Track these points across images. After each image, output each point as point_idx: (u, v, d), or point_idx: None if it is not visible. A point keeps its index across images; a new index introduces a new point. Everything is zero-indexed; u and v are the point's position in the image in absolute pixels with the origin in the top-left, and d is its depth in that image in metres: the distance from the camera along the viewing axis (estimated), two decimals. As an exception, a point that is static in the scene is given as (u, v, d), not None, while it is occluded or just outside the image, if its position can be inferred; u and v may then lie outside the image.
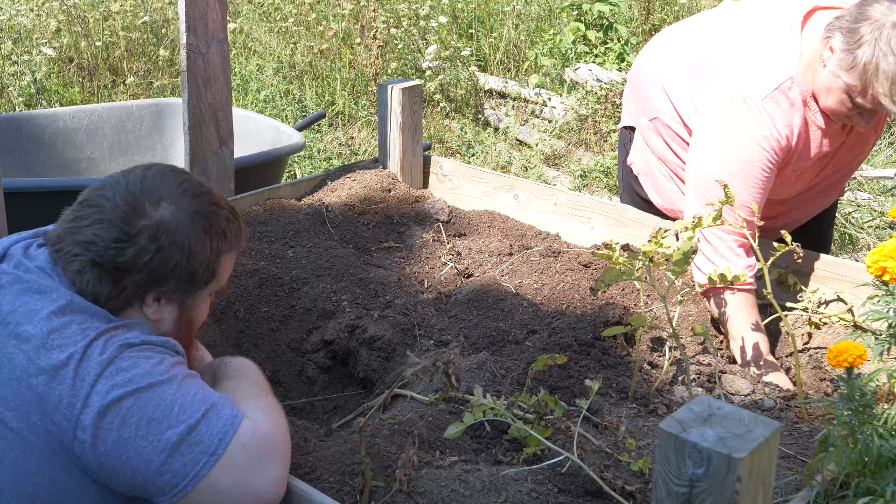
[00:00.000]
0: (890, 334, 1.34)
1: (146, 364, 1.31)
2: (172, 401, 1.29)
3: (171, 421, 1.27)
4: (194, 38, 2.30)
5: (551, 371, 1.78)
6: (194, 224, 1.40)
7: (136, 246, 1.35)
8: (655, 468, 1.04)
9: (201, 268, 1.42)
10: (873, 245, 4.04)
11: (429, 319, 2.08)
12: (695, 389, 1.78)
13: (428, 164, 2.85)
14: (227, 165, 2.49)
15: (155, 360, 1.32)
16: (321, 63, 6.23)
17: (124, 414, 1.26)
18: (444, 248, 2.50)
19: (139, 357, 1.31)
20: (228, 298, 2.09)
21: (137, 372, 1.29)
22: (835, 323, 2.05)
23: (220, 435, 1.29)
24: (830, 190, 2.31)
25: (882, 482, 1.21)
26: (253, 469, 1.30)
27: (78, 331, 1.31)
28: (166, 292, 1.40)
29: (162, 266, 1.37)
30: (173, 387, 1.30)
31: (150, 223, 1.37)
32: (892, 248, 1.27)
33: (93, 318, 1.34)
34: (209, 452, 1.27)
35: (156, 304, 1.42)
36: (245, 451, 1.30)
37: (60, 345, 1.29)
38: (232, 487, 1.29)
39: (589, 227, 2.49)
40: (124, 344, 1.31)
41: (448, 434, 1.39)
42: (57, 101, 5.73)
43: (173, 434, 1.27)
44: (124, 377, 1.28)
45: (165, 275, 1.38)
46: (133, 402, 1.27)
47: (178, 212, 1.39)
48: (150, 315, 1.42)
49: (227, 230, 1.45)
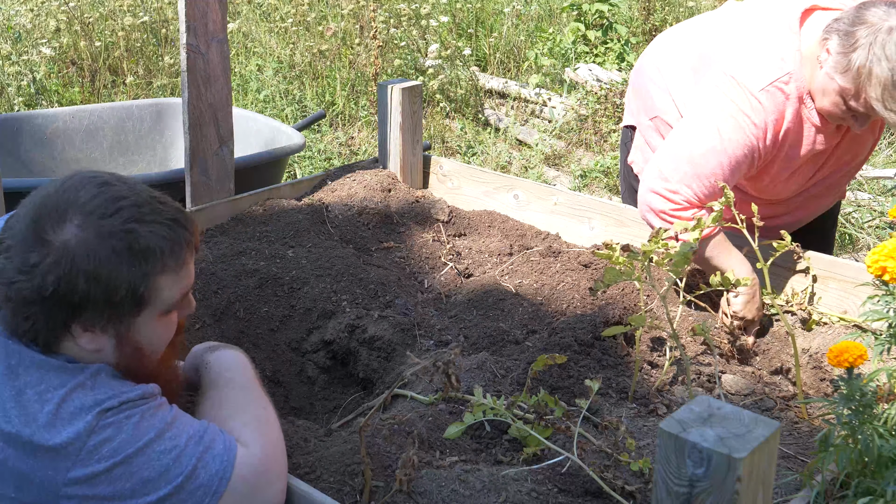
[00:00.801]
0: (890, 334, 1.34)
1: (128, 427, 1.23)
2: (164, 455, 1.24)
3: (168, 477, 1.24)
4: (194, 38, 2.30)
5: (551, 371, 1.78)
6: (103, 246, 1.23)
7: (36, 277, 1.22)
8: (655, 468, 1.04)
9: (118, 294, 1.25)
10: (873, 245, 4.04)
11: (429, 319, 2.08)
12: (695, 389, 1.78)
13: (428, 164, 2.85)
14: (227, 165, 2.49)
15: (136, 418, 1.25)
16: (321, 63, 6.23)
17: (116, 480, 1.21)
18: (444, 248, 2.50)
19: (120, 421, 1.23)
20: (228, 298, 2.09)
21: (123, 438, 1.22)
22: (835, 323, 2.05)
23: (220, 474, 1.27)
24: (830, 191, 2.31)
25: (882, 482, 1.21)
26: (256, 494, 1.30)
27: (37, 396, 1.22)
28: (88, 322, 1.26)
29: (69, 296, 1.23)
30: (163, 442, 1.25)
31: (51, 250, 1.22)
32: (892, 248, 1.27)
33: (50, 374, 1.25)
34: (211, 493, 1.26)
35: (88, 334, 1.28)
36: (245, 481, 1.29)
37: (21, 416, 1.21)
38: None
39: (589, 227, 2.49)
40: (102, 410, 1.23)
41: (448, 434, 1.39)
42: (57, 101, 5.73)
43: (171, 488, 1.24)
44: (110, 448, 1.21)
45: (77, 304, 1.24)
46: (122, 470, 1.22)
47: (83, 233, 1.23)
48: (87, 346, 1.28)
49: (156, 247, 1.27)
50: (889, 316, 1.34)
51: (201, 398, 1.45)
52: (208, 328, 2.00)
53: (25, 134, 3.61)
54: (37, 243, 1.23)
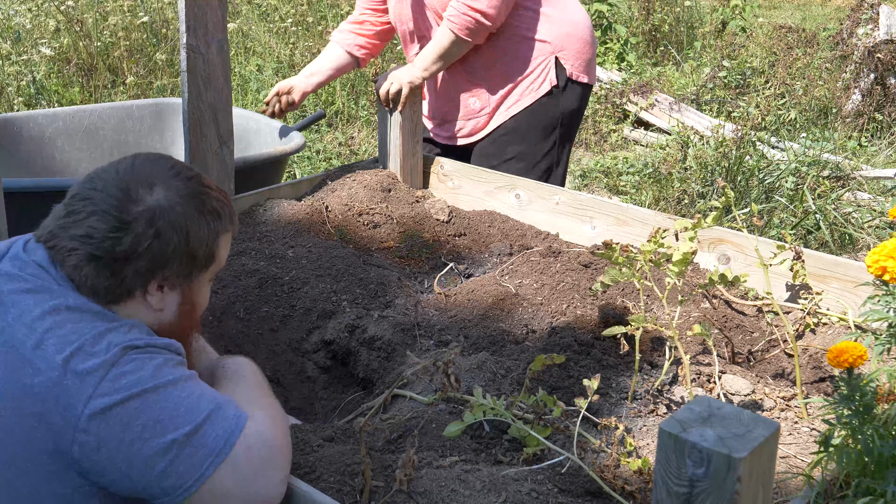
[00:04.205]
0: (890, 334, 1.34)
1: (150, 366, 1.28)
2: (178, 403, 1.27)
3: (177, 422, 1.26)
4: (194, 38, 2.30)
5: (551, 371, 1.78)
6: (189, 205, 1.38)
7: (133, 233, 1.33)
8: (655, 468, 1.04)
9: (201, 249, 1.40)
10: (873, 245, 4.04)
11: (429, 319, 2.08)
12: (695, 389, 1.78)
13: (428, 164, 2.85)
14: (227, 165, 2.49)
15: (158, 361, 1.30)
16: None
17: (128, 416, 1.24)
18: (444, 248, 2.50)
19: (143, 359, 1.29)
20: (228, 298, 2.09)
21: (142, 374, 1.27)
22: (835, 323, 2.05)
23: (226, 436, 1.28)
24: None
25: (882, 482, 1.21)
26: (256, 473, 1.30)
27: (74, 330, 1.28)
28: (169, 277, 1.38)
29: (161, 250, 1.35)
30: (178, 389, 1.29)
31: (145, 208, 1.35)
32: (892, 248, 1.27)
33: (91, 317, 1.31)
34: (214, 454, 1.26)
35: (159, 292, 1.39)
36: (249, 454, 1.29)
37: (57, 344, 1.26)
38: (235, 491, 1.28)
39: (591, 226, 2.49)
40: (128, 346, 1.29)
41: (448, 432, 1.39)
42: (57, 101, 5.73)
43: (178, 435, 1.25)
44: (130, 380, 1.26)
45: (166, 259, 1.36)
46: (138, 404, 1.25)
47: (171, 194, 1.37)
48: (154, 304, 1.39)
49: (220, 210, 1.44)
50: (889, 316, 1.34)
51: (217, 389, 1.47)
52: (208, 328, 2.00)
53: (25, 134, 3.61)
54: (130, 203, 1.34)
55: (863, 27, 6.22)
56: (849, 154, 5.22)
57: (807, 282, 2.08)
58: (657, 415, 1.68)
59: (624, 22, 7.54)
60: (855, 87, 6.06)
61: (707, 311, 2.09)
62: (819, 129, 5.83)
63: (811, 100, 6.12)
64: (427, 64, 2.71)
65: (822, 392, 1.88)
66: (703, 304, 2.12)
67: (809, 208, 4.33)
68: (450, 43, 2.67)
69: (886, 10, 6.18)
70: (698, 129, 5.50)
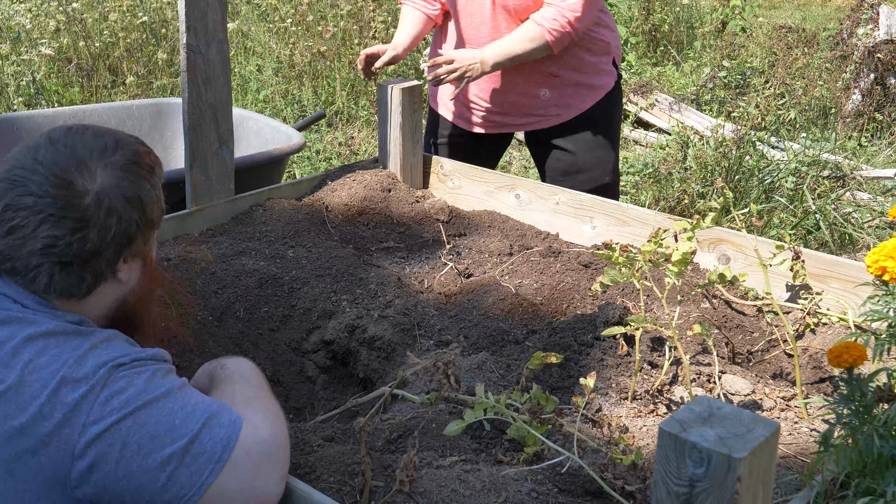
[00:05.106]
0: (890, 334, 1.34)
1: (139, 382, 1.26)
2: (172, 415, 1.26)
3: (174, 435, 1.24)
4: (194, 38, 2.30)
5: (551, 371, 1.78)
6: (132, 175, 1.35)
7: (95, 227, 1.30)
8: (655, 468, 1.04)
9: (155, 211, 1.39)
10: (873, 245, 4.04)
11: (429, 319, 2.08)
12: (695, 389, 1.78)
13: (428, 164, 2.85)
14: (227, 165, 2.49)
15: (147, 374, 1.28)
16: (321, 63, 6.22)
17: (125, 435, 1.22)
18: (444, 248, 2.50)
19: (131, 376, 1.26)
20: (228, 298, 2.09)
21: (132, 392, 1.25)
22: (835, 323, 2.05)
23: (224, 441, 1.27)
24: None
25: (882, 482, 1.21)
26: (257, 473, 1.29)
27: (55, 358, 1.24)
28: (132, 250, 1.37)
29: (125, 230, 1.33)
30: (171, 400, 1.27)
31: (95, 197, 1.30)
32: (892, 248, 1.27)
33: (67, 339, 1.28)
34: (214, 460, 1.25)
35: (125, 265, 1.38)
36: (249, 456, 1.28)
37: (40, 379, 1.22)
38: (237, 493, 1.27)
39: (591, 226, 2.50)
40: (113, 365, 1.26)
41: (448, 431, 1.39)
42: (57, 101, 5.73)
43: (176, 448, 1.24)
44: (121, 399, 1.23)
45: (131, 237, 1.35)
46: (132, 422, 1.23)
47: (111, 172, 1.33)
48: (123, 279, 1.38)
49: (153, 163, 1.41)
50: (889, 316, 1.34)
51: (214, 391, 1.46)
52: (208, 328, 2.00)
53: (25, 134, 3.61)
54: (76, 197, 1.29)
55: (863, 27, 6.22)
56: (849, 154, 5.22)
57: (807, 282, 2.08)
58: (657, 415, 1.68)
59: (624, 22, 7.54)
60: (855, 87, 6.06)
61: (707, 311, 2.09)
62: (819, 129, 5.83)
63: (811, 100, 6.12)
64: (500, 59, 2.69)
65: (822, 392, 1.88)
66: (703, 304, 2.13)
67: (809, 208, 4.32)
68: (537, 46, 2.67)
69: (886, 10, 6.18)
70: (698, 129, 5.50)
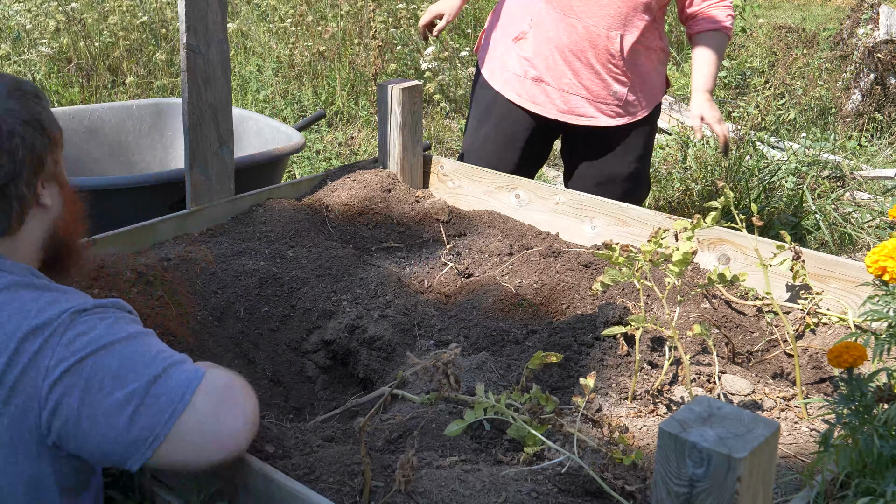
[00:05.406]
0: (890, 334, 1.34)
1: (102, 325, 1.29)
2: (133, 356, 1.28)
3: (136, 374, 1.26)
4: (194, 38, 2.30)
5: (551, 371, 1.78)
6: (19, 97, 1.37)
7: (3, 152, 1.32)
8: (655, 468, 1.04)
9: (54, 129, 1.41)
10: (873, 245, 4.04)
11: (429, 319, 2.08)
12: (695, 389, 1.78)
13: (428, 164, 2.85)
14: (227, 165, 2.49)
15: (110, 319, 1.31)
16: (321, 63, 6.23)
17: (87, 374, 1.25)
18: (444, 248, 2.50)
19: (93, 320, 1.29)
20: (228, 298, 2.09)
21: (95, 334, 1.28)
22: (835, 323, 2.05)
23: (185, 385, 1.28)
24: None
25: (882, 482, 1.21)
26: (218, 412, 1.30)
27: (15, 312, 1.27)
28: (46, 175, 1.39)
29: (34, 151, 1.35)
30: (134, 344, 1.30)
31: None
32: (892, 247, 1.27)
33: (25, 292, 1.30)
34: (176, 400, 1.26)
35: (45, 190, 1.40)
36: (209, 396, 1.29)
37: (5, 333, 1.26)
38: (200, 434, 1.28)
39: (591, 226, 2.49)
40: (76, 311, 1.29)
41: (449, 431, 1.39)
42: (57, 101, 5.73)
43: (137, 386, 1.26)
44: (83, 341, 1.26)
45: (40, 156, 1.37)
46: (94, 361, 1.26)
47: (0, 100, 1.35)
48: (47, 202, 1.40)
49: (35, 89, 1.42)
50: (889, 316, 1.33)
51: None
52: (208, 328, 2.00)
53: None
54: None
55: (863, 27, 6.22)
56: (848, 154, 5.22)
57: (807, 282, 2.08)
58: (657, 415, 1.68)
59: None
60: (855, 87, 6.06)
61: (707, 311, 2.09)
62: (819, 129, 5.83)
63: (811, 100, 6.11)
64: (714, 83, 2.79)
65: (822, 392, 1.88)
66: (703, 304, 2.13)
67: (809, 208, 4.32)
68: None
69: (886, 10, 6.18)
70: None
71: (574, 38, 2.70)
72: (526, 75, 2.80)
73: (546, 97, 2.80)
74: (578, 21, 2.69)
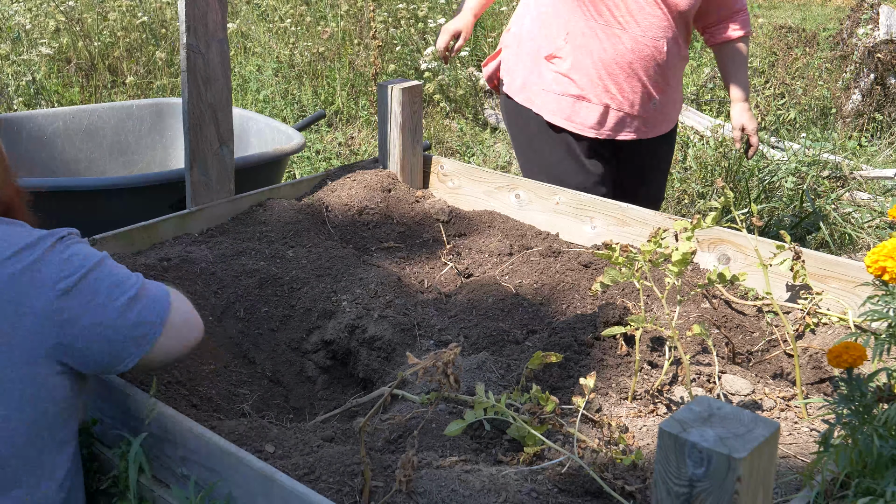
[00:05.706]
0: (890, 334, 1.34)
1: (84, 247, 1.48)
2: (118, 270, 1.49)
3: (129, 283, 1.48)
4: (194, 38, 2.30)
5: (551, 371, 1.78)
6: None
7: None
8: (655, 468, 1.04)
9: None
10: (873, 245, 4.04)
11: (429, 319, 2.08)
12: (695, 389, 1.78)
13: (428, 164, 2.85)
14: (227, 165, 2.49)
15: (83, 243, 1.49)
16: (321, 63, 6.23)
17: (92, 286, 1.43)
18: (444, 248, 2.50)
19: (74, 244, 1.47)
20: (228, 298, 2.09)
21: (86, 253, 1.47)
22: (835, 323, 2.05)
23: (162, 289, 1.53)
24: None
25: (882, 482, 1.21)
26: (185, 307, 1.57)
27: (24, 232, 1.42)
28: None
29: None
30: (110, 262, 1.50)
31: None
32: (892, 247, 1.27)
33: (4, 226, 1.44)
34: (163, 299, 1.50)
35: None
36: (177, 296, 1.56)
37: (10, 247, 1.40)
38: (182, 325, 1.53)
39: (591, 226, 2.49)
40: (57, 238, 1.45)
41: (449, 431, 1.39)
42: (57, 101, 5.73)
43: (133, 291, 1.47)
44: (79, 260, 1.44)
45: None
46: (95, 275, 1.45)
47: None
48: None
49: None
50: (889, 316, 1.33)
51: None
52: (209, 328, 2.00)
53: (25, 134, 3.61)
54: None
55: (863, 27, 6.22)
56: (848, 154, 5.22)
57: (807, 282, 2.08)
58: (657, 415, 1.68)
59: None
60: (855, 87, 6.06)
61: (707, 311, 2.09)
62: (819, 129, 5.83)
63: (811, 100, 6.12)
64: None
65: (822, 392, 1.88)
66: (703, 304, 2.13)
67: (809, 208, 4.33)
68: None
69: (886, 10, 6.18)
70: (698, 129, 5.50)
71: (620, 49, 2.62)
72: (566, 93, 2.71)
73: (588, 113, 2.72)
74: (623, 32, 2.61)
